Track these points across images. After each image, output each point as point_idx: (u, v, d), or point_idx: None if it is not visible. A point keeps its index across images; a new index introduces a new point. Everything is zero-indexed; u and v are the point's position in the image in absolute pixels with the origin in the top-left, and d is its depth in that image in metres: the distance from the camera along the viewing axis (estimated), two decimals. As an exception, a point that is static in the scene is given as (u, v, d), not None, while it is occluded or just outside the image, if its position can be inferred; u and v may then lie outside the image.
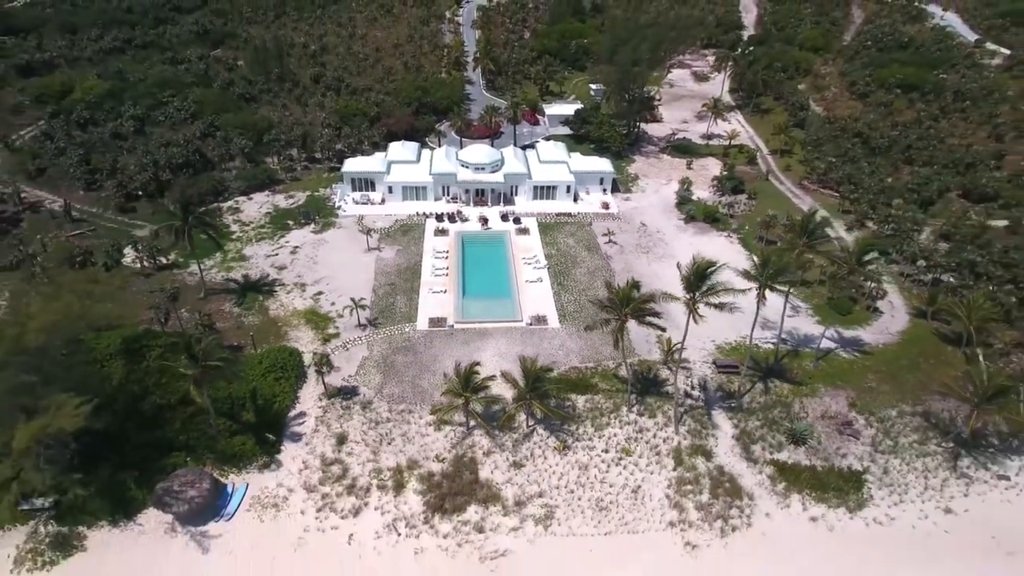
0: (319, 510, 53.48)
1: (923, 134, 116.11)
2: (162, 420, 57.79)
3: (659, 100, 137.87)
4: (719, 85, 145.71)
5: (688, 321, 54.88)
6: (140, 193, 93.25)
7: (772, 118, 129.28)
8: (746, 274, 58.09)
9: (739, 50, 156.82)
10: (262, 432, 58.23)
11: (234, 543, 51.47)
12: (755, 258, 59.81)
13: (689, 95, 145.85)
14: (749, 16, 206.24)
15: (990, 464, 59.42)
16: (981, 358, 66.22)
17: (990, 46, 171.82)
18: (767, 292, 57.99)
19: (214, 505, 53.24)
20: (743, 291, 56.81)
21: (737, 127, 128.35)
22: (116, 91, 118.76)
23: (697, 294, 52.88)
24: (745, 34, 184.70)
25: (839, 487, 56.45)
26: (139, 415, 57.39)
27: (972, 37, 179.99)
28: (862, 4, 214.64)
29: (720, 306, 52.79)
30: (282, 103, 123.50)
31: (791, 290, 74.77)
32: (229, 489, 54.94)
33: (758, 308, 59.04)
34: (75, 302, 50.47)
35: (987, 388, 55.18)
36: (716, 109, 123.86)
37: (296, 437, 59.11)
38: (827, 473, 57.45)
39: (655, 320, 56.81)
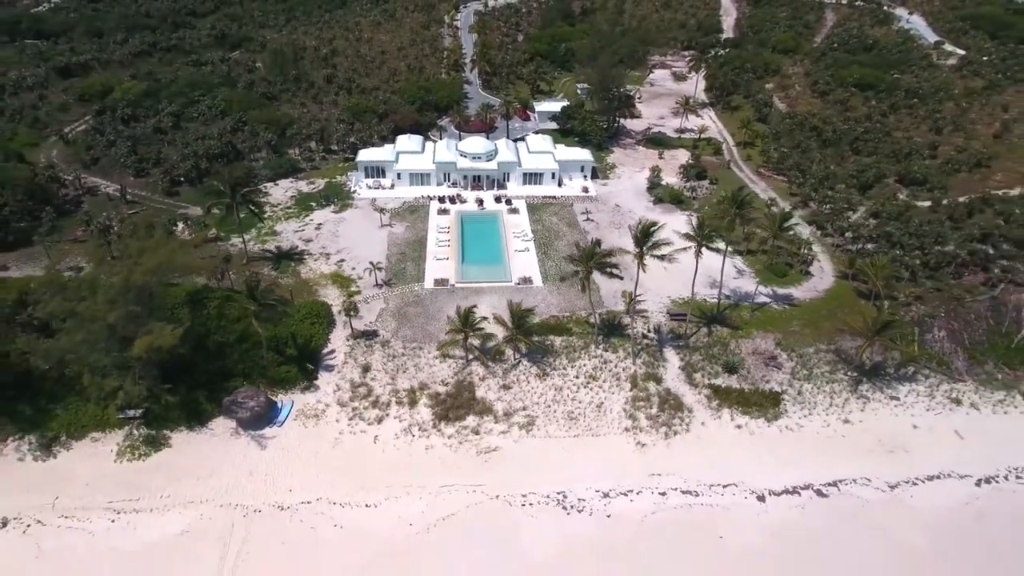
0: (350, 419, 68.33)
1: (870, 127, 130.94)
2: (223, 354, 72.30)
3: (640, 98, 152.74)
4: (696, 85, 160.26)
5: (638, 271, 69.70)
6: (182, 179, 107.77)
7: (740, 114, 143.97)
8: (687, 236, 72.90)
9: (711, 53, 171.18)
10: (303, 363, 72.96)
11: (285, 442, 66.29)
12: (692, 221, 74.35)
13: (668, 93, 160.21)
14: (729, 19, 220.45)
15: (885, 388, 74.26)
16: (886, 307, 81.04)
17: (947, 47, 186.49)
18: (712, 254, 72.64)
19: (268, 415, 68.01)
20: (683, 248, 71.60)
21: (708, 122, 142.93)
22: (152, 91, 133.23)
23: (644, 248, 67.65)
24: (724, 37, 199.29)
25: (761, 404, 71.28)
26: (204, 350, 71.71)
27: (934, 39, 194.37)
28: (836, 8, 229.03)
29: (662, 257, 67.60)
30: (300, 101, 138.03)
31: (740, 257, 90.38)
32: (279, 404, 69.66)
33: (697, 262, 73.90)
34: (177, 249, 65.05)
35: (876, 323, 70.05)
36: (687, 106, 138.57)
37: (329, 368, 73.90)
38: (752, 394, 72.28)
39: (614, 271, 71.65)
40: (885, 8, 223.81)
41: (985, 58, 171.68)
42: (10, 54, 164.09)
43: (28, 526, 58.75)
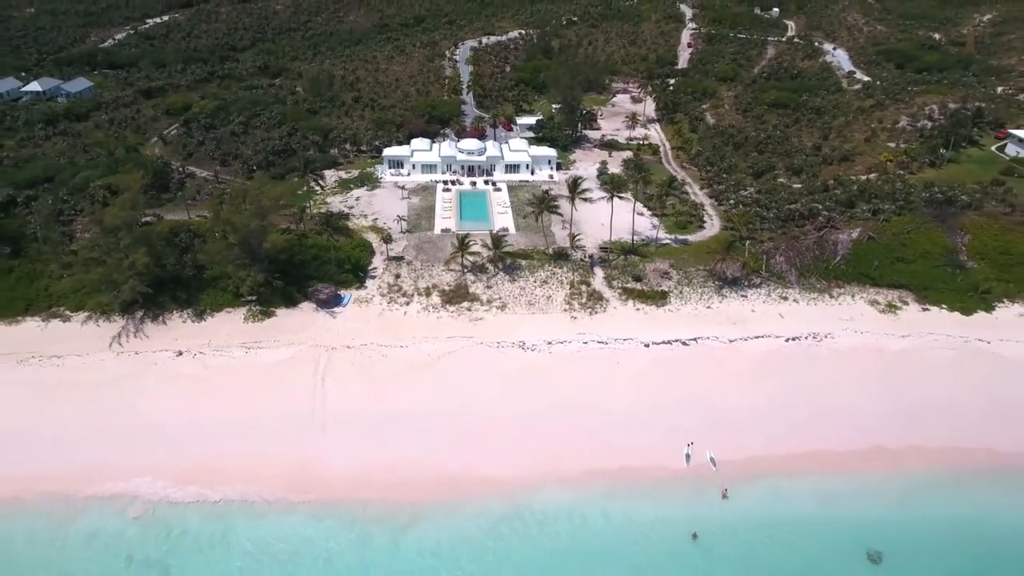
0: (388, 303, 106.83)
1: (772, 135, 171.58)
2: (304, 266, 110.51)
3: (602, 116, 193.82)
4: (645, 106, 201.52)
5: (572, 209, 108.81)
6: (255, 168, 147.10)
7: (677, 126, 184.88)
8: (603, 187, 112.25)
9: (658, 80, 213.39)
10: (356, 273, 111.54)
11: (348, 315, 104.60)
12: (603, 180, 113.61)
13: (625, 112, 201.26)
14: (685, 54, 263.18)
15: (738, 292, 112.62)
16: (746, 244, 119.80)
17: (858, 75, 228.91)
18: (633, 208, 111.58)
19: (336, 300, 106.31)
20: (603, 197, 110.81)
21: (652, 133, 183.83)
22: (223, 107, 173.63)
23: (574, 194, 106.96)
24: (678, 68, 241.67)
25: (654, 297, 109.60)
26: (292, 263, 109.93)
27: (849, 69, 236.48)
28: (776, 44, 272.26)
29: (586, 199, 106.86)
30: (336, 115, 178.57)
31: (656, 218, 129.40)
32: (343, 295, 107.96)
33: (612, 207, 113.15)
34: (292, 187, 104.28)
35: (724, 245, 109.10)
36: (634, 120, 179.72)
37: (373, 276, 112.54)
38: (649, 292, 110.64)
39: (557, 210, 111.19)
40: (816, 44, 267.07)
41: (881, 83, 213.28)
42: (99, 80, 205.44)
43: (195, 355, 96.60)
